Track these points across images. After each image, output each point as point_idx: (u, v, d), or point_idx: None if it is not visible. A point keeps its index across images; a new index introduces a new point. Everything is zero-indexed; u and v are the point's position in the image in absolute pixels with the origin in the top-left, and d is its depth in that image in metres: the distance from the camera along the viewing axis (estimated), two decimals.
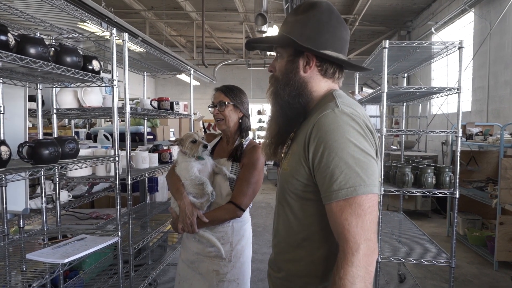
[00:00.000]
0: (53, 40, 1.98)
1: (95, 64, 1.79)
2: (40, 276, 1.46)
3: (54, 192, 2.09)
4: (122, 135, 2.44)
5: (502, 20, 5.22)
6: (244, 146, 1.82)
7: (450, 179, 2.50)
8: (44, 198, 2.00)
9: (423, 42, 2.44)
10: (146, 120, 3.37)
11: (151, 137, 3.69)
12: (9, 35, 1.29)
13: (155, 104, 2.65)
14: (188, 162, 1.74)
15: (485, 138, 4.39)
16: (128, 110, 2.07)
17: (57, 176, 2.05)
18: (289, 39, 1.02)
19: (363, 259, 0.85)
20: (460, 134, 2.43)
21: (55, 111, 2.11)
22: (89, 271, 2.53)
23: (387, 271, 3.58)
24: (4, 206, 1.80)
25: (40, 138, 1.82)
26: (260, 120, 13.19)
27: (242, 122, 1.85)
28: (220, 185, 1.75)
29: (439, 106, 6.73)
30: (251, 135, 1.93)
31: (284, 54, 1.08)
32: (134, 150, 2.82)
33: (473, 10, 6.05)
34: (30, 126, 3.60)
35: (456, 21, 6.87)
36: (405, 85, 3.69)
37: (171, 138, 4.32)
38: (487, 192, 4.11)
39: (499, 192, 3.71)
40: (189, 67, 3.26)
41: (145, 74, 3.31)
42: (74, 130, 3.76)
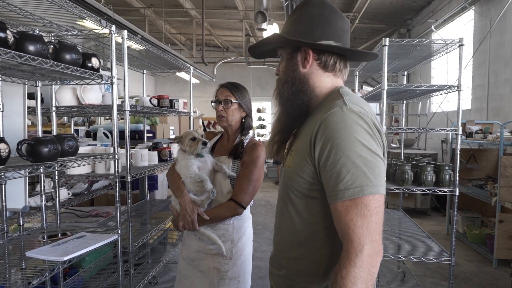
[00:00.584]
0: (52, 38, 1.97)
1: (95, 62, 1.78)
2: (40, 273, 1.46)
3: (54, 190, 2.09)
4: (122, 133, 2.44)
5: (502, 18, 5.21)
6: (245, 143, 1.81)
7: (450, 177, 2.50)
8: (43, 196, 2.00)
9: (423, 40, 2.44)
10: (145, 118, 3.36)
11: (150, 135, 3.69)
12: (7, 32, 1.28)
13: (155, 102, 2.65)
14: (187, 160, 1.74)
15: (484, 136, 4.39)
16: (127, 108, 2.06)
17: (56, 173, 2.05)
18: (279, 36, 1.04)
19: (366, 260, 0.85)
20: (460, 132, 2.43)
21: (54, 108, 2.10)
22: (88, 268, 2.53)
23: (386, 268, 3.58)
24: (4, 204, 1.80)
25: (40, 136, 1.82)
26: (259, 118, 13.18)
27: (244, 121, 1.84)
28: (221, 182, 1.75)
29: (439, 104, 6.73)
30: (251, 133, 1.93)
31: (284, 54, 1.09)
32: (134, 148, 2.82)
33: (473, 8, 6.04)
34: (29, 123, 3.59)
35: (456, 19, 6.85)
36: (405, 83, 3.68)
37: (171, 136, 4.32)
38: (486, 190, 4.11)
39: (499, 190, 3.71)
40: (188, 65, 3.25)
41: (144, 72, 3.30)
42: (74, 128, 3.76)
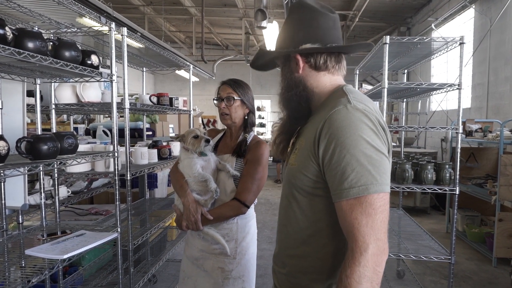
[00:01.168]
0: (51, 35, 1.96)
1: (94, 59, 1.77)
2: (40, 272, 1.45)
3: (53, 187, 2.08)
4: (121, 131, 2.43)
5: (503, 16, 5.20)
6: (248, 141, 1.79)
7: (450, 176, 2.50)
8: (43, 194, 1.99)
9: (424, 38, 2.43)
10: (145, 116, 3.36)
11: (150, 133, 3.68)
12: (6, 28, 1.27)
13: (154, 99, 2.64)
14: (190, 159, 1.72)
15: (484, 135, 4.39)
16: (127, 105, 2.05)
17: (56, 171, 2.04)
18: (262, 51, 1.14)
19: (371, 259, 0.84)
20: (460, 131, 2.42)
21: (53, 106, 2.09)
22: (88, 267, 2.53)
23: (386, 267, 3.54)
24: (3, 201, 1.80)
25: (39, 134, 1.81)
26: (259, 117, 13.17)
27: (248, 118, 1.82)
28: (224, 181, 1.73)
29: (439, 102, 6.73)
30: (254, 130, 1.92)
31: (280, 65, 1.15)
32: (133, 146, 2.81)
33: (473, 6, 6.03)
34: (29, 121, 3.58)
35: (456, 17, 6.84)
36: (405, 81, 3.68)
37: (170, 134, 4.31)
38: (486, 188, 4.11)
39: (498, 188, 3.72)
40: (188, 63, 3.24)
41: (144, 69, 3.29)
42: (73, 125, 3.75)
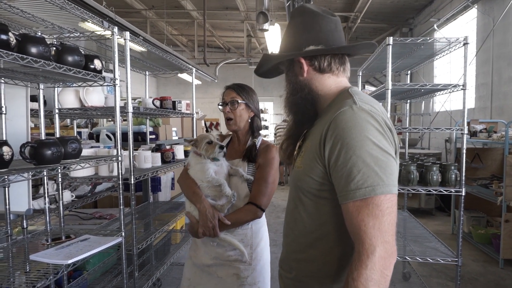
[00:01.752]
0: (54, 40, 1.97)
1: (97, 63, 1.77)
2: (44, 277, 1.45)
3: (57, 192, 2.08)
4: (125, 135, 2.43)
5: (506, 16, 5.18)
6: (257, 145, 1.78)
7: (456, 177, 2.48)
8: (47, 199, 1.99)
9: (428, 39, 2.42)
10: (148, 120, 3.36)
11: (153, 136, 3.68)
12: (10, 34, 1.27)
13: (158, 103, 2.64)
14: (203, 164, 1.68)
15: (489, 135, 4.36)
16: (130, 109, 2.05)
17: (59, 176, 2.04)
18: (266, 55, 1.15)
19: (378, 262, 0.83)
20: (466, 131, 2.40)
21: (57, 111, 2.09)
22: (93, 271, 2.52)
23: None
24: (7, 206, 1.80)
25: (43, 138, 1.81)
26: (262, 119, 13.16)
27: (253, 122, 1.80)
28: (238, 186, 1.70)
29: (442, 103, 6.70)
30: (262, 134, 1.90)
31: (284, 68, 1.15)
32: (137, 149, 2.81)
33: (476, 7, 6.01)
34: (32, 126, 3.59)
35: (458, 17, 6.82)
36: (408, 82, 3.66)
37: (174, 138, 4.31)
38: (492, 189, 4.08)
39: (504, 189, 3.68)
40: (191, 66, 3.24)
41: (146, 73, 3.30)
42: (76, 130, 3.76)
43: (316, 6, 1.10)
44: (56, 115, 2.10)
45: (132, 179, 2.05)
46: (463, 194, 2.41)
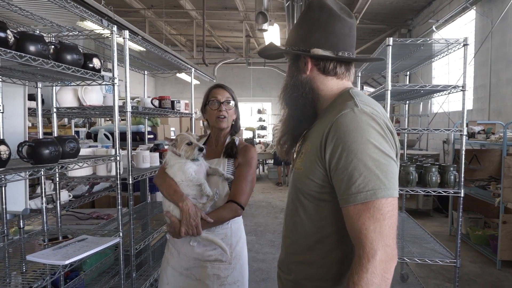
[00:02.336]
0: (53, 38, 1.95)
1: (96, 62, 1.76)
2: (41, 277, 1.43)
3: (54, 192, 2.07)
4: (123, 134, 2.42)
5: (504, 18, 5.20)
6: (236, 143, 1.82)
7: (455, 178, 2.48)
8: (44, 198, 1.98)
9: (427, 40, 2.42)
10: (146, 119, 3.34)
11: (151, 136, 3.66)
12: (8, 32, 1.26)
13: (156, 103, 2.62)
14: (182, 164, 1.68)
15: (487, 137, 4.37)
16: (129, 109, 2.04)
17: (57, 176, 2.03)
18: (274, 46, 1.10)
19: (379, 265, 0.83)
20: (464, 133, 2.40)
21: (55, 110, 2.08)
22: (90, 271, 2.50)
23: None
24: (4, 206, 1.78)
25: (40, 138, 1.79)
26: (260, 119, 13.14)
27: (235, 123, 1.85)
28: (218, 185, 1.72)
29: (440, 104, 6.71)
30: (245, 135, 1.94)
31: (289, 60, 1.12)
32: (135, 149, 2.79)
33: (474, 8, 6.03)
34: (30, 125, 3.57)
35: (457, 19, 6.84)
36: (407, 83, 3.66)
37: (172, 137, 4.30)
38: (489, 190, 4.09)
39: (502, 190, 3.69)
40: (190, 66, 3.23)
41: (145, 72, 3.28)
42: (74, 129, 3.73)
43: (335, 2, 1.05)
44: (54, 114, 2.09)
45: (130, 179, 2.04)
46: (462, 195, 2.41)
